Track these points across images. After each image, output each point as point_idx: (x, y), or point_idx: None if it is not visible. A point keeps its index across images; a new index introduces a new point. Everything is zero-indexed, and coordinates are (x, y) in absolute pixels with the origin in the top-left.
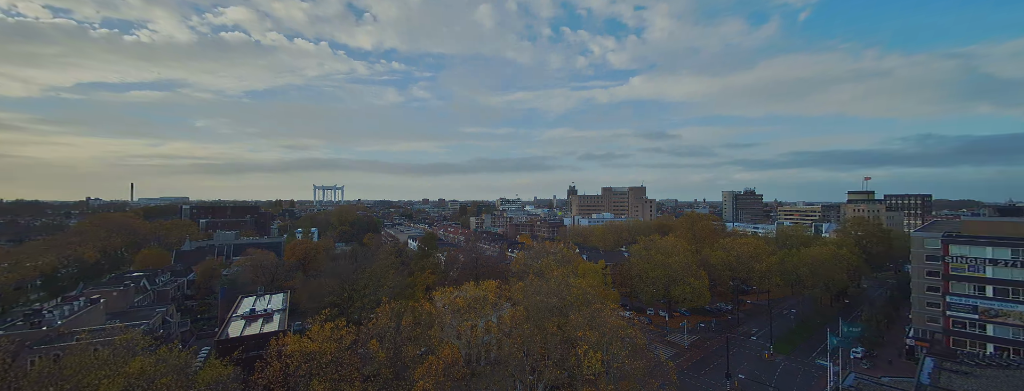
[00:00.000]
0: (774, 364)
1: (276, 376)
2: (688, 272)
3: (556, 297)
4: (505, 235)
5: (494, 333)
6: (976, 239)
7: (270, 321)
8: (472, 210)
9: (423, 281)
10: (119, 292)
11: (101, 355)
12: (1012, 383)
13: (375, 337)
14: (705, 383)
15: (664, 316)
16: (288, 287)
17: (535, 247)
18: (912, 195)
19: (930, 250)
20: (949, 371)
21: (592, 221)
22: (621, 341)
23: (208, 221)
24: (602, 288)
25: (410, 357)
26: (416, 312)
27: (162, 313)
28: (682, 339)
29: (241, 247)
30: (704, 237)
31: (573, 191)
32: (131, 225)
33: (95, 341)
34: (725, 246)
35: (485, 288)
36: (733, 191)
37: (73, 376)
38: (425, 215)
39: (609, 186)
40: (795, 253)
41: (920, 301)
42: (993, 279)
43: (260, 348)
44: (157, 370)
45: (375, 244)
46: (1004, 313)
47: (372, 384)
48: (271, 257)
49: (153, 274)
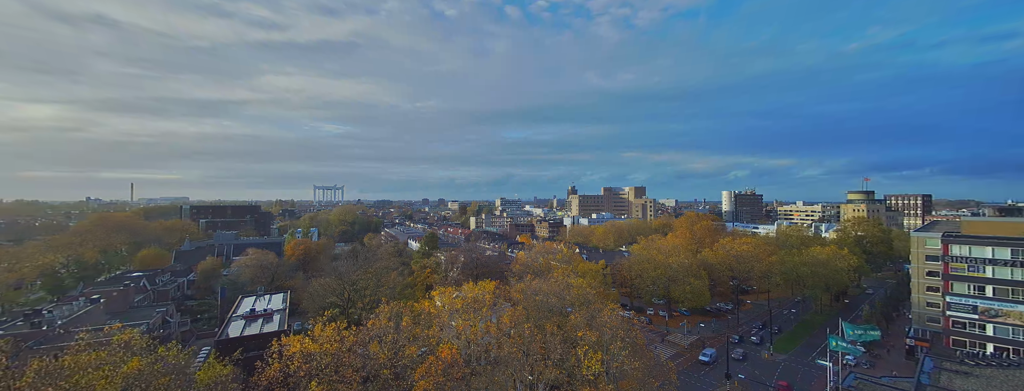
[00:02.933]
0: (774, 364)
1: (276, 376)
2: (688, 272)
3: (556, 297)
4: (505, 235)
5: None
6: (976, 239)
7: (270, 321)
8: (472, 210)
9: (423, 281)
10: (119, 292)
11: (100, 355)
12: (1012, 383)
13: (375, 338)
14: (705, 383)
15: (664, 316)
16: (288, 287)
17: (535, 247)
18: (912, 195)
19: (930, 250)
20: (949, 371)
21: (592, 221)
22: (621, 341)
23: (208, 221)
24: (602, 288)
25: (410, 357)
26: (416, 312)
27: (162, 313)
28: (682, 339)
29: (241, 247)
30: (704, 237)
31: (573, 191)
32: (131, 225)
33: (95, 341)
34: (725, 246)
35: (483, 288)
36: (733, 191)
37: (71, 376)
38: (425, 215)
39: (609, 186)
40: (795, 253)
41: (920, 301)
42: (993, 279)
43: (260, 348)
44: (156, 370)
45: (375, 244)
46: (1004, 313)
47: (372, 384)
48: (271, 257)
49: (153, 274)
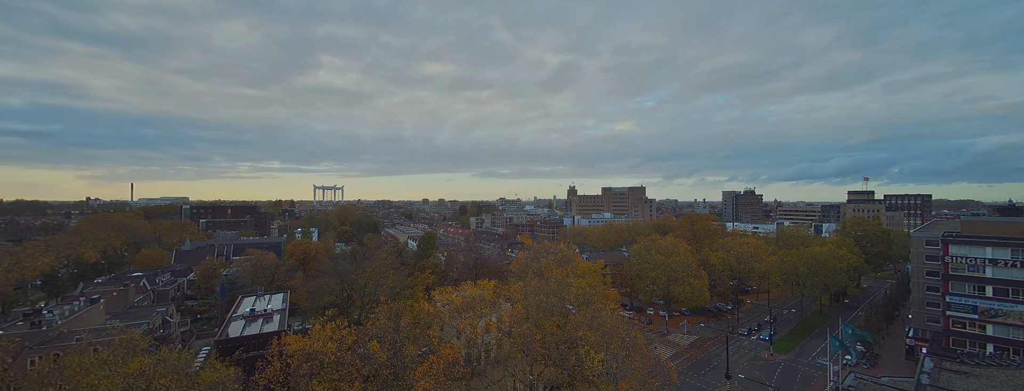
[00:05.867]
0: (774, 364)
1: (276, 376)
2: (688, 272)
3: (556, 297)
4: (505, 235)
5: (494, 333)
6: (976, 239)
7: (270, 321)
8: (472, 210)
9: (423, 281)
10: (119, 292)
11: (101, 355)
12: (1012, 383)
13: (375, 337)
14: (705, 383)
15: (664, 316)
16: (288, 287)
17: (535, 247)
18: (912, 195)
19: (930, 250)
20: (949, 371)
21: (592, 221)
22: (621, 341)
23: (208, 221)
24: (602, 288)
25: (410, 357)
26: (415, 312)
27: (162, 313)
28: (682, 339)
29: (241, 247)
30: (704, 237)
31: (573, 191)
32: (131, 225)
33: (95, 341)
34: (725, 246)
35: (483, 287)
36: (733, 191)
37: (73, 376)
38: (425, 215)
39: (609, 186)
40: (795, 253)
41: (920, 301)
42: (993, 279)
43: (260, 348)
44: (157, 370)
45: (375, 244)
46: (1004, 313)
47: (372, 384)
48: (271, 257)
49: (153, 274)
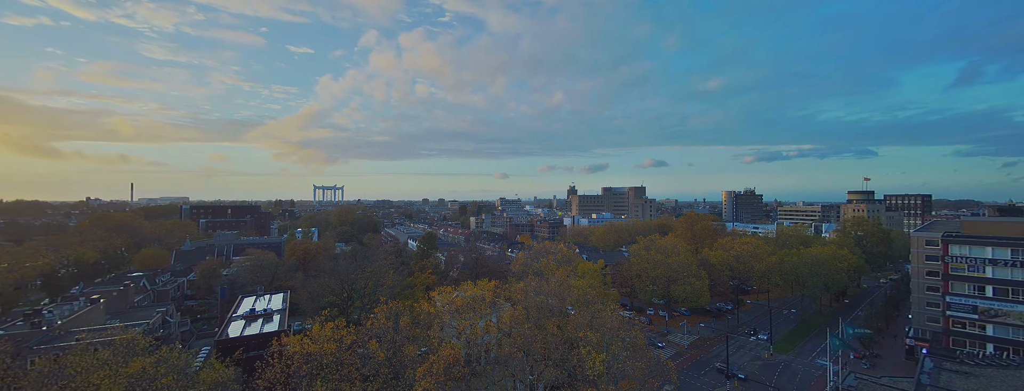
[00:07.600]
0: (774, 364)
1: (277, 376)
2: (688, 272)
3: (556, 297)
4: (505, 235)
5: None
6: (976, 239)
7: (270, 321)
8: (472, 210)
9: (423, 281)
10: (119, 292)
11: (101, 355)
12: (1012, 383)
13: (374, 337)
14: (705, 383)
15: (664, 316)
16: (288, 287)
17: (535, 247)
18: (912, 195)
19: (930, 250)
20: (949, 371)
21: (592, 221)
22: (621, 341)
23: (208, 221)
24: (602, 288)
25: (410, 357)
26: (415, 312)
27: (162, 313)
28: (682, 339)
29: (241, 247)
30: (704, 237)
31: (573, 191)
32: (131, 225)
33: (95, 341)
34: (725, 246)
35: (483, 287)
36: (733, 191)
37: (74, 376)
38: (425, 215)
39: (609, 186)
40: (795, 253)
41: (920, 301)
42: (993, 279)
43: (260, 348)
44: (158, 370)
45: (375, 244)
46: (1004, 313)
47: (372, 384)
48: (271, 257)
49: (153, 274)
